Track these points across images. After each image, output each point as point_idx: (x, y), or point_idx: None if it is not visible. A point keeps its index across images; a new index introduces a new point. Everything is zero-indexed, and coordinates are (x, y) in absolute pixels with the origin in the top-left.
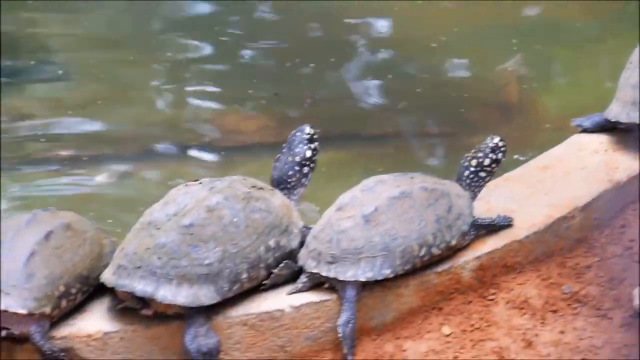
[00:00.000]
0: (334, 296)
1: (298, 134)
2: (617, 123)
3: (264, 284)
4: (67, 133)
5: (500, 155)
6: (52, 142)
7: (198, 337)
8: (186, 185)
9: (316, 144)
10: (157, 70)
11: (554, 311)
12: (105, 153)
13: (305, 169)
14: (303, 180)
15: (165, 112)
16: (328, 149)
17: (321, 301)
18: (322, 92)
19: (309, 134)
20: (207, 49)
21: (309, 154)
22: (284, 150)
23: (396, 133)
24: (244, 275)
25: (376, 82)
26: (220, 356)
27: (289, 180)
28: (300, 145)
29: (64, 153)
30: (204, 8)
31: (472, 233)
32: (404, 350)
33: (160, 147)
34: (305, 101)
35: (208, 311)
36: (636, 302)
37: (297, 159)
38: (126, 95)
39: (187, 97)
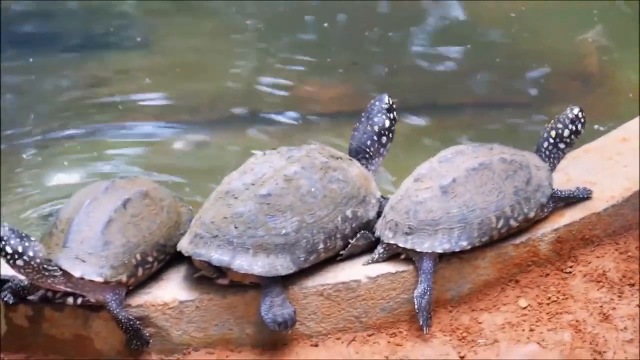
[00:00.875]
0: (410, 267)
1: (377, 103)
2: None
3: (341, 255)
4: (145, 100)
5: (579, 126)
6: (130, 109)
7: (274, 307)
8: (264, 154)
9: (395, 113)
10: (235, 38)
11: (632, 285)
12: (182, 120)
13: (384, 139)
14: (381, 150)
15: (243, 81)
16: (406, 119)
17: (397, 272)
18: (400, 61)
19: (387, 103)
20: (285, 19)
21: (387, 123)
22: (362, 120)
23: (475, 103)
24: (321, 246)
25: (455, 51)
26: (295, 326)
27: (368, 150)
28: (379, 115)
29: (141, 120)
30: None
31: (550, 205)
32: (480, 323)
33: (238, 115)
34: (383, 70)
35: (284, 281)
36: None
37: (376, 128)
38: (204, 63)
39: (265, 66)
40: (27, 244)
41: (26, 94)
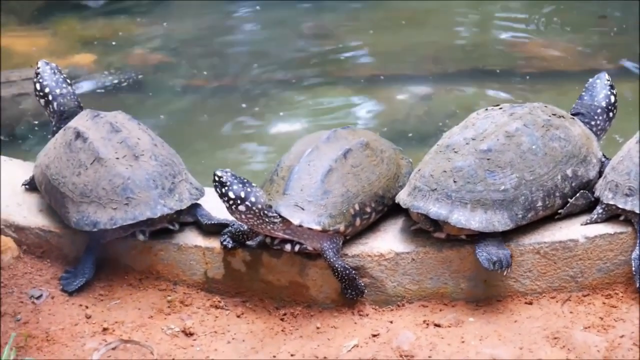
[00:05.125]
0: (629, 229)
1: (598, 81)
2: None
3: (559, 213)
4: (367, 52)
5: None
6: (352, 60)
7: (489, 247)
8: (486, 109)
9: (615, 89)
10: None
11: None
12: (405, 74)
13: (611, 114)
14: (607, 125)
15: (468, 36)
16: (635, 81)
17: (616, 233)
18: (629, 20)
19: (608, 80)
20: None
21: (613, 99)
22: (585, 97)
23: None
24: (539, 204)
25: None
26: (510, 283)
27: (596, 124)
28: (604, 92)
29: (362, 71)
30: None
31: None
32: None
33: (460, 70)
34: (612, 29)
35: (500, 237)
36: None
37: (604, 104)
38: (428, 18)
39: (491, 22)
40: (249, 189)
41: (251, 44)
